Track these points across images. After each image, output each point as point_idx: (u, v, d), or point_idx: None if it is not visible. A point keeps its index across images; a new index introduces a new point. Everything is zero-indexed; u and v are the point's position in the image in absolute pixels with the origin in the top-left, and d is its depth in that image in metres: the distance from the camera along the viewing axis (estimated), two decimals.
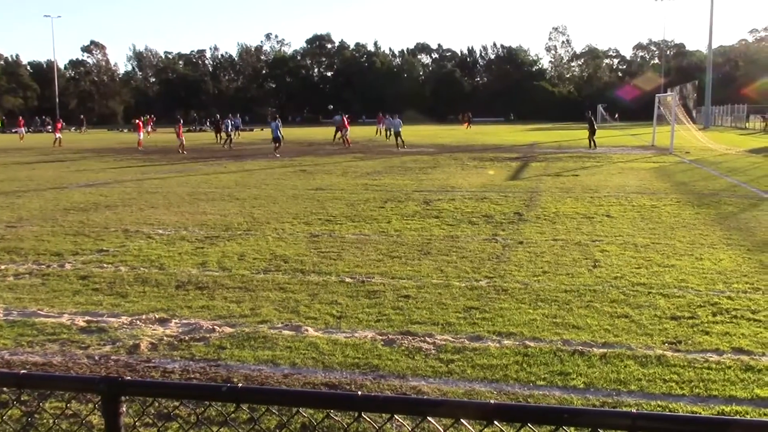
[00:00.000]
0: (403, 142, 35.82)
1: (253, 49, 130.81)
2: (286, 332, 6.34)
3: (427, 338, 6.13)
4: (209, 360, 5.71)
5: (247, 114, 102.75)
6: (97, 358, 5.79)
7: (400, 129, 37.02)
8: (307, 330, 6.39)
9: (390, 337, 6.18)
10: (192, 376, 5.40)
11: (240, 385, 1.84)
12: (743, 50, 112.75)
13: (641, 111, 79.31)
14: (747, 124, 64.42)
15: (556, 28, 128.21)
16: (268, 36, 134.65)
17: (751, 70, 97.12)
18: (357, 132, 47.14)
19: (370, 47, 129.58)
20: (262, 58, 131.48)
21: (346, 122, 39.08)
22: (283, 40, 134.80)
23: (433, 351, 5.83)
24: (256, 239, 10.88)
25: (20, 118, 61.84)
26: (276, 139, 32.58)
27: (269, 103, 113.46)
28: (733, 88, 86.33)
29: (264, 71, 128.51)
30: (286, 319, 6.72)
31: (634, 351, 5.76)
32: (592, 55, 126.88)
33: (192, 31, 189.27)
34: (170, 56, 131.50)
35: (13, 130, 62.99)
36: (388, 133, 42.53)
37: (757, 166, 25.08)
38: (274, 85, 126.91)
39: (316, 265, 9.03)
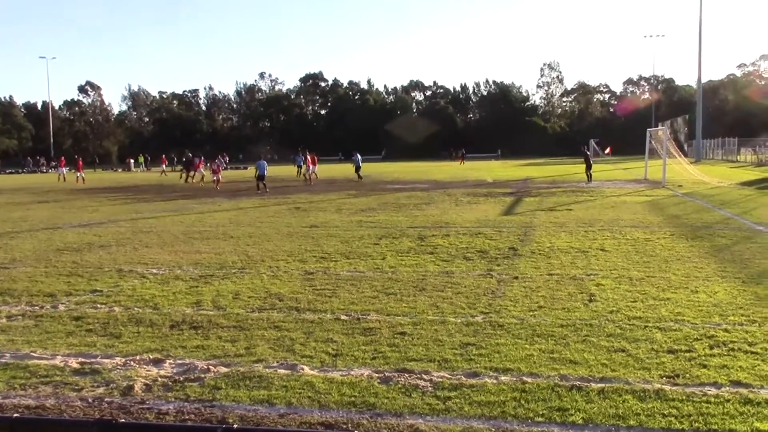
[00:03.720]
0: (360, 177, 41.54)
1: (246, 88, 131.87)
2: (281, 371, 6.29)
3: (423, 375, 6.09)
4: (204, 401, 5.65)
5: (241, 153, 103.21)
6: (90, 400, 5.72)
7: (360, 165, 43.69)
8: (302, 368, 6.34)
9: (386, 374, 6.14)
10: (187, 417, 5.34)
11: (235, 426, 1.83)
12: (732, 84, 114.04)
13: (633, 145, 79.85)
14: (738, 157, 64.87)
15: (548, 65, 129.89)
16: (262, 75, 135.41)
17: (740, 103, 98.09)
18: (330, 170, 47.32)
19: (363, 85, 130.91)
20: (256, 96, 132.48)
21: (309, 160, 41.13)
22: (277, 78, 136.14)
23: (430, 388, 5.78)
24: (250, 277, 10.84)
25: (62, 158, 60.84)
26: (261, 177, 33.81)
27: (264, 142, 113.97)
28: (723, 122, 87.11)
29: (259, 110, 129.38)
30: (282, 358, 6.67)
31: (632, 385, 5.73)
32: (584, 90, 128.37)
33: (186, 71, 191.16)
34: (164, 96, 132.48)
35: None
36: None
37: (749, 198, 25.20)
38: (268, 124, 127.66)
39: (311, 302, 8.99)
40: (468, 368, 6.25)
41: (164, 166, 61.66)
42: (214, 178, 37.24)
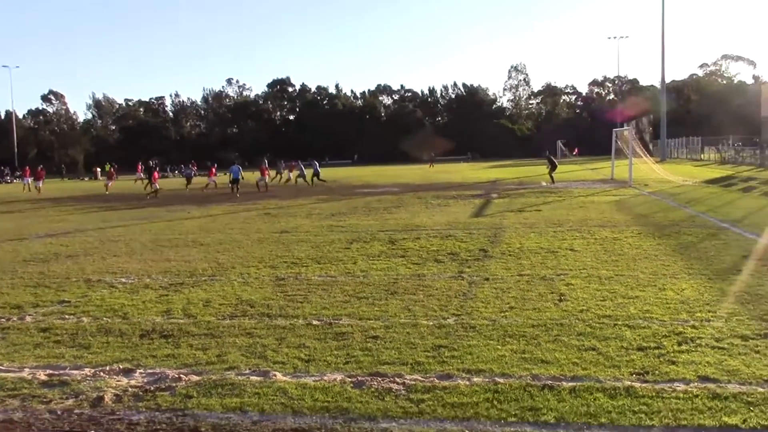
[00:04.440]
0: (308, 183, 41.45)
1: (213, 94, 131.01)
2: (253, 378, 6.25)
3: (396, 378, 6.09)
4: (176, 410, 5.59)
5: (209, 159, 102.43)
6: (59, 412, 5.63)
7: (304, 172, 43.11)
8: (275, 375, 6.31)
9: (359, 378, 6.13)
10: (158, 427, 5.28)
11: None
12: (695, 84, 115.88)
13: (599, 145, 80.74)
14: (702, 156, 65.92)
15: (515, 67, 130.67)
16: (229, 81, 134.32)
17: (703, 103, 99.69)
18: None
19: (332, 89, 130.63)
20: (224, 102, 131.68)
21: (264, 169, 40.46)
22: (245, 84, 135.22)
23: (403, 391, 5.79)
24: (221, 285, 10.77)
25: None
26: (235, 181, 34.32)
27: (232, 148, 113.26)
28: (687, 121, 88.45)
29: (227, 116, 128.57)
30: (254, 365, 6.64)
31: (603, 383, 5.79)
32: (550, 92, 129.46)
33: (151, 78, 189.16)
34: (130, 103, 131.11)
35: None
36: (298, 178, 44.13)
37: (714, 196, 25.62)
38: (236, 130, 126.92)
39: (282, 308, 8.96)
40: (441, 370, 6.27)
41: (140, 174, 61.24)
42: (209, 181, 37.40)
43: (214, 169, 44.98)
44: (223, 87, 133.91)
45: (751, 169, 43.15)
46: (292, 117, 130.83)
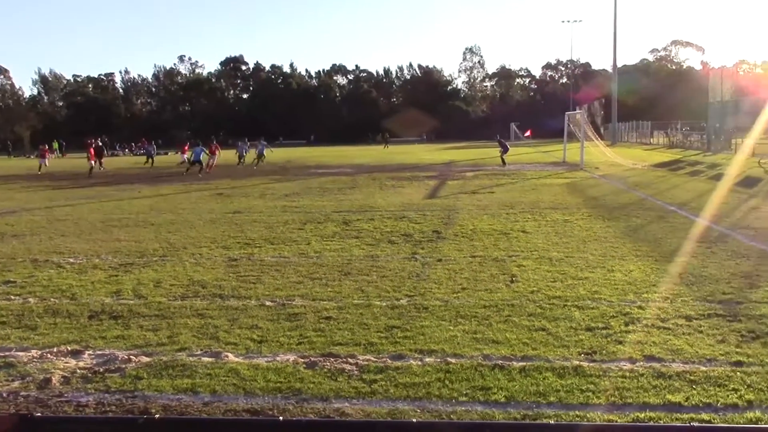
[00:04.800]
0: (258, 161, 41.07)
1: (165, 71, 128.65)
2: (205, 359, 6.21)
3: (349, 359, 6.12)
4: (125, 391, 5.53)
5: (162, 138, 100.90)
6: (5, 394, 5.53)
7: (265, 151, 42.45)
8: (227, 356, 6.28)
9: (312, 359, 6.14)
10: (107, 409, 5.22)
11: (157, 416, 1.80)
12: (645, 69, 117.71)
13: (552, 128, 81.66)
14: (651, 140, 67.15)
15: (470, 49, 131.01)
16: (181, 58, 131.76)
17: (653, 88, 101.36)
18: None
19: (286, 69, 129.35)
20: (176, 80, 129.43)
21: (213, 148, 38.84)
22: (197, 62, 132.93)
23: (356, 372, 5.82)
24: (172, 265, 10.64)
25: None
26: (196, 162, 33.76)
27: (185, 126, 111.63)
28: (637, 105, 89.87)
29: (179, 94, 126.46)
30: (206, 346, 6.59)
31: (552, 363, 5.90)
32: (505, 75, 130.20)
33: (100, 54, 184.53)
34: (79, 79, 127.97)
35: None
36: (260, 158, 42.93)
37: (662, 179, 26.16)
38: (189, 108, 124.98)
39: (235, 289, 8.90)
40: (393, 351, 6.31)
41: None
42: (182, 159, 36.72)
43: (186, 147, 43.73)
44: (175, 64, 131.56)
45: (698, 154, 44.11)
46: (245, 96, 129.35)
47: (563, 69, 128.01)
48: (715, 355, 5.99)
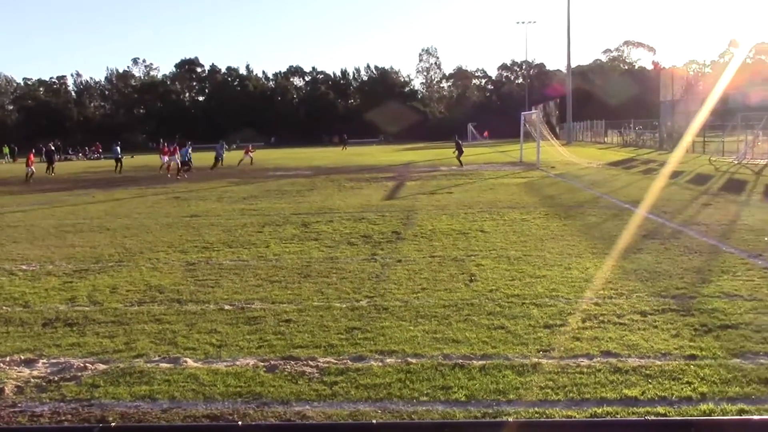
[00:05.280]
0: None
1: (118, 74, 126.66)
2: (163, 365, 6.13)
3: (310, 362, 6.10)
4: (81, 400, 5.43)
5: (115, 141, 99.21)
6: None
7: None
8: (186, 361, 6.20)
9: (272, 363, 6.10)
10: (63, 418, 5.12)
11: (113, 423, 1.77)
12: (598, 69, 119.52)
13: (508, 129, 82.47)
14: (606, 139, 68.23)
15: (427, 50, 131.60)
16: (135, 60, 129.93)
17: (606, 88, 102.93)
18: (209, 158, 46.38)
19: (242, 70, 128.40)
20: (130, 83, 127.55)
21: (173, 149, 37.83)
22: (152, 64, 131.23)
23: (317, 374, 5.80)
24: (128, 270, 10.48)
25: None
26: (185, 163, 34.19)
27: (139, 129, 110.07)
28: (591, 105, 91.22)
29: (133, 96, 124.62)
30: (164, 352, 6.51)
31: (512, 361, 5.95)
32: (462, 75, 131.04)
33: (52, 57, 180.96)
34: (29, 83, 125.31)
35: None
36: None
37: (616, 177, 26.59)
38: (144, 111, 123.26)
39: (193, 293, 8.80)
40: (354, 352, 6.31)
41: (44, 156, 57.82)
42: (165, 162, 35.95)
43: (165, 149, 41.61)
44: (128, 67, 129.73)
45: (651, 152, 44.96)
46: (201, 98, 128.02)
47: (519, 70, 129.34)
48: (670, 350, 6.11)
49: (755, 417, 1.31)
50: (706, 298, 7.80)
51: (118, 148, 41.07)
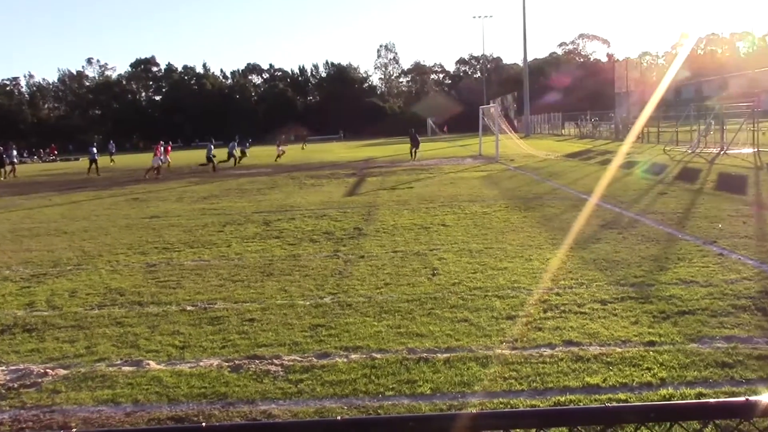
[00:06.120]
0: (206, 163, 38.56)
1: (70, 75, 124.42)
2: (126, 368, 6.06)
3: (274, 360, 6.08)
4: (42, 407, 5.35)
5: (71, 143, 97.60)
6: None
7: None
8: (148, 364, 6.14)
9: (236, 362, 6.07)
10: (24, 426, 5.03)
11: (75, 429, 1.76)
12: (554, 62, 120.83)
13: (467, 123, 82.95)
14: (563, 131, 69.03)
15: (385, 46, 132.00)
16: (89, 61, 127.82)
17: (563, 80, 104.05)
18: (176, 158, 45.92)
19: (199, 69, 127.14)
20: (84, 83, 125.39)
21: (163, 151, 37.56)
22: (107, 64, 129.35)
23: (282, 372, 5.79)
24: (88, 274, 10.33)
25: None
26: (209, 159, 36.13)
27: (95, 131, 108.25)
28: (548, 98, 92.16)
29: (88, 97, 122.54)
30: (126, 355, 6.43)
31: (476, 353, 6.00)
32: (420, 71, 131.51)
33: (3, 58, 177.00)
34: None
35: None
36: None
37: (574, 169, 26.91)
38: (99, 112, 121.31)
39: (154, 295, 8.71)
40: (318, 349, 6.30)
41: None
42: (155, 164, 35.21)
43: (160, 148, 40.20)
44: (83, 67, 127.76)
45: (607, 143, 45.57)
46: (158, 98, 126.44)
47: (476, 64, 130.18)
48: (629, 337, 6.22)
49: (712, 400, 1.35)
50: (663, 285, 7.95)
51: (94, 149, 40.03)
